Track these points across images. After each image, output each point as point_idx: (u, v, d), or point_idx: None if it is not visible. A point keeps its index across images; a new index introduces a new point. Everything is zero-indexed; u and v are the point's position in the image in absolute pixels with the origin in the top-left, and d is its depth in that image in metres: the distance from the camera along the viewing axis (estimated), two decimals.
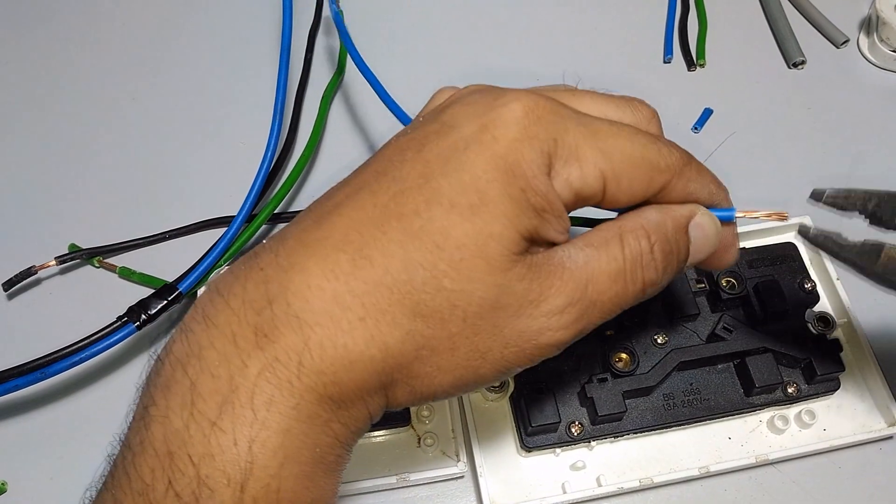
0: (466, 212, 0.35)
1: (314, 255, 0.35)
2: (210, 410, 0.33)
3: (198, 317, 0.36)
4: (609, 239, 0.38)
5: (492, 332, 0.36)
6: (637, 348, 0.54)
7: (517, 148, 0.35)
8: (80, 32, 0.78)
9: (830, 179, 0.67)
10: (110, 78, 0.75)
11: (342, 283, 0.35)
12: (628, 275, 0.38)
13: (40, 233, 0.65)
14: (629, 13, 0.79)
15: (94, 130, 0.72)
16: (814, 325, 0.55)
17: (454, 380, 0.37)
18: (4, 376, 0.53)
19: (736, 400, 0.55)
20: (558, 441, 0.53)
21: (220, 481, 0.33)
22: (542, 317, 0.37)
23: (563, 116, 0.37)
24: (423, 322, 0.35)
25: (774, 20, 0.78)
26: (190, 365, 0.35)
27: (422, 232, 0.35)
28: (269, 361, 0.34)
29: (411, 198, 0.35)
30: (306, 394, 0.34)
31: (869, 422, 0.55)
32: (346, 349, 0.34)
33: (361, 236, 0.35)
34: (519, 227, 0.35)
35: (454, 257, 0.35)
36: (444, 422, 0.55)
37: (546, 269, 0.37)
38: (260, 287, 0.35)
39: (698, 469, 0.53)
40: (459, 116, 0.37)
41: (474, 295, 0.35)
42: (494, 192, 0.35)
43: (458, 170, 0.35)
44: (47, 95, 0.74)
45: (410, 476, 0.52)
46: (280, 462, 0.34)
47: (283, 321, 0.34)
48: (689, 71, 0.75)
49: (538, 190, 0.36)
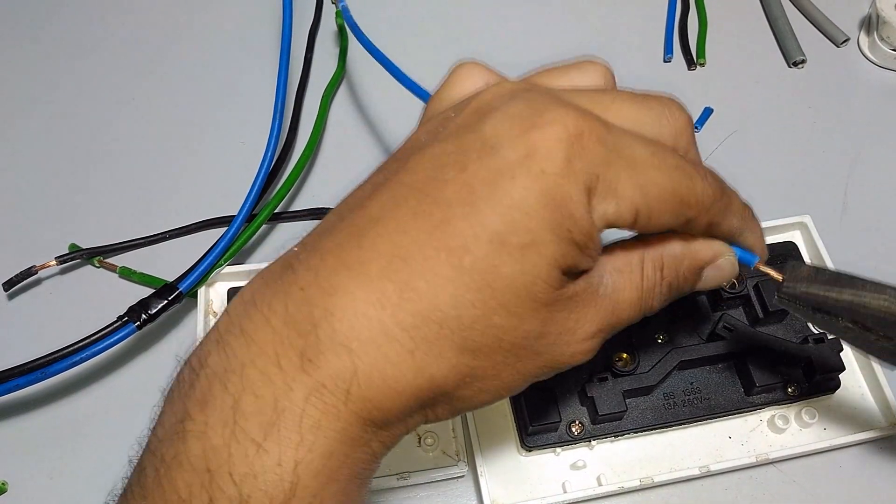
0: (516, 252, 0.35)
1: (358, 280, 0.35)
2: (253, 430, 0.33)
3: (234, 329, 0.36)
4: (633, 265, 0.40)
5: (533, 357, 0.38)
6: (637, 347, 0.54)
7: (563, 184, 0.35)
8: (79, 33, 0.78)
9: (830, 179, 0.68)
10: (110, 78, 0.75)
11: (389, 315, 0.34)
12: (641, 301, 0.40)
13: (40, 233, 0.65)
14: (629, 13, 0.79)
15: (93, 130, 0.72)
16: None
17: (490, 397, 0.38)
18: (4, 376, 0.53)
19: (736, 399, 0.55)
20: (559, 440, 0.53)
21: (261, 501, 0.33)
22: (577, 343, 0.38)
23: (606, 146, 0.36)
24: (470, 356, 0.36)
25: (774, 19, 0.78)
26: (230, 382, 0.35)
27: (473, 269, 0.35)
28: (315, 387, 0.34)
29: (460, 228, 0.35)
30: (351, 419, 0.34)
31: (869, 421, 0.55)
32: (395, 380, 0.34)
33: (408, 266, 0.35)
34: (562, 265, 0.36)
35: (504, 297, 0.35)
36: (445, 422, 0.54)
37: (583, 298, 0.38)
38: (302, 309, 0.35)
39: (699, 468, 0.53)
40: (501, 134, 0.36)
41: (520, 329, 0.36)
42: (544, 232, 0.35)
43: (507, 204, 0.35)
44: (47, 95, 0.74)
45: (411, 476, 0.52)
46: (322, 483, 0.34)
47: (328, 348, 0.34)
48: (689, 70, 0.75)
49: (583, 229, 0.36)
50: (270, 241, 0.66)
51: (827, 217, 0.64)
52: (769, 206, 0.65)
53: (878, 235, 0.65)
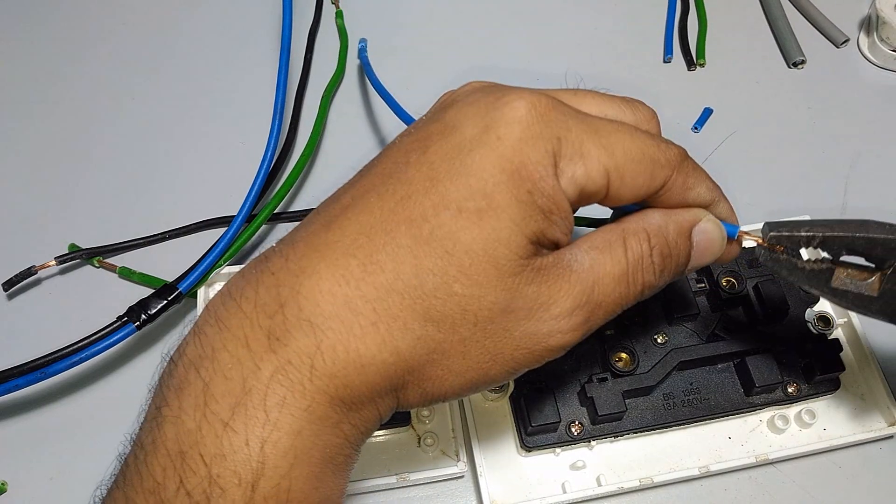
0: (474, 217, 0.35)
1: (324, 260, 0.36)
2: (223, 411, 0.34)
3: (210, 320, 0.37)
4: (613, 241, 0.39)
5: (503, 336, 0.37)
6: (637, 348, 0.54)
7: (522, 149, 0.36)
8: (79, 32, 0.78)
9: (830, 178, 0.68)
10: (110, 78, 0.75)
11: (353, 288, 0.35)
12: (630, 277, 0.39)
13: (40, 233, 0.65)
14: (629, 13, 0.79)
15: (93, 130, 0.72)
16: (814, 325, 0.55)
17: (464, 382, 0.38)
18: (4, 376, 0.53)
19: (736, 399, 0.55)
20: (558, 441, 0.53)
21: (231, 481, 0.33)
22: (552, 320, 0.38)
23: (566, 114, 0.37)
24: (434, 327, 0.36)
25: (774, 20, 0.78)
26: (203, 367, 0.35)
27: (431, 238, 0.35)
28: (281, 364, 0.34)
29: (419, 202, 0.36)
30: (318, 396, 0.35)
31: (869, 421, 0.55)
32: (358, 353, 0.35)
33: (371, 241, 0.36)
34: (527, 231, 0.36)
35: (464, 263, 0.35)
36: (445, 422, 0.55)
37: (554, 272, 0.37)
38: (271, 291, 0.36)
39: (698, 469, 0.53)
40: (461, 116, 0.37)
41: (485, 300, 0.36)
42: (502, 195, 0.35)
43: (465, 173, 0.36)
44: (46, 95, 0.74)
45: (410, 476, 0.52)
46: (291, 462, 0.34)
47: (294, 325, 0.35)
48: (689, 71, 0.75)
49: (545, 192, 0.36)
50: (270, 241, 0.66)
51: (826, 217, 0.64)
52: (769, 206, 0.65)
53: None
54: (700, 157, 0.68)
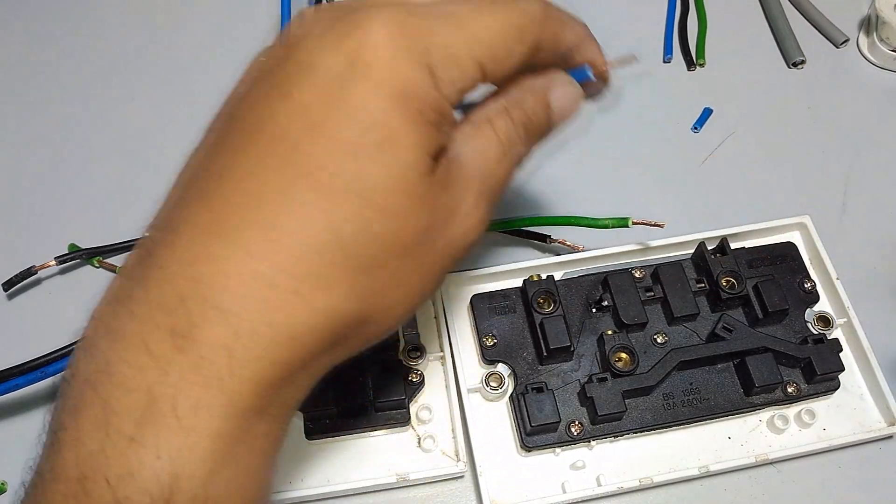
0: (374, 152, 0.33)
1: (218, 239, 0.33)
2: (127, 427, 0.31)
3: (100, 331, 0.34)
4: (481, 125, 0.39)
5: (430, 253, 0.36)
6: (637, 348, 0.54)
7: (397, 69, 0.34)
8: (78, 31, 0.78)
9: (830, 178, 0.68)
10: (110, 78, 0.75)
11: (260, 261, 0.32)
12: (506, 154, 0.39)
13: (40, 233, 0.65)
14: (629, 13, 0.79)
15: (92, 130, 0.71)
16: (814, 325, 0.55)
17: (404, 310, 0.37)
18: (4, 376, 0.53)
19: (736, 399, 0.55)
20: (558, 441, 0.53)
21: (140, 501, 0.30)
22: (463, 219, 0.37)
23: (424, 17, 0.36)
24: (362, 273, 0.34)
25: (774, 20, 0.78)
26: (100, 383, 0.32)
27: (334, 185, 0.33)
28: (192, 363, 0.31)
29: (307, 152, 0.33)
30: (240, 387, 0.32)
31: (868, 421, 0.55)
32: (286, 326, 0.32)
33: (266, 206, 0.33)
34: (427, 149, 0.35)
35: (377, 200, 0.33)
36: (444, 422, 0.55)
37: (452, 175, 0.37)
38: (164, 287, 0.33)
39: (698, 469, 0.53)
40: (316, 52, 0.35)
41: (406, 228, 0.35)
42: (396, 122, 0.34)
43: (348, 109, 0.33)
44: (46, 95, 0.73)
45: (410, 476, 0.52)
46: (210, 469, 0.31)
47: (201, 317, 0.32)
48: (688, 71, 0.75)
49: (433, 106, 0.35)
50: None
51: (826, 217, 0.64)
52: (769, 206, 0.65)
53: (877, 235, 0.65)
54: (700, 157, 0.68)
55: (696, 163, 0.69)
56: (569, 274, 0.59)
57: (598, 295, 0.57)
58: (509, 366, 0.56)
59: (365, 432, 0.54)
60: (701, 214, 0.65)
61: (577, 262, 0.60)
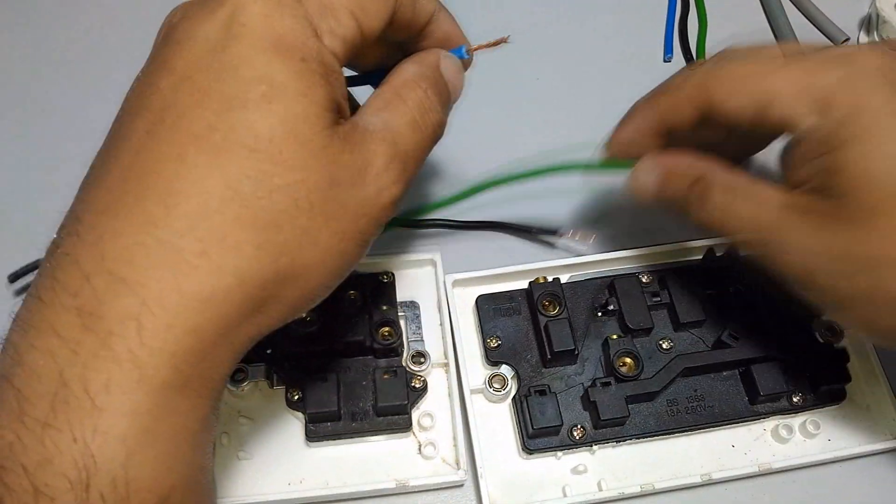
0: (262, 103, 0.34)
1: (118, 216, 0.33)
2: (40, 413, 0.31)
3: (15, 326, 0.33)
4: (390, 99, 0.40)
5: (341, 211, 0.36)
6: (642, 353, 0.54)
7: (273, 24, 0.34)
8: (88, 34, 0.77)
9: None
10: (111, 75, 0.74)
11: (162, 229, 0.32)
12: (420, 121, 0.40)
13: (45, 226, 0.64)
14: (629, 13, 0.79)
15: (96, 125, 0.71)
16: (821, 335, 0.55)
17: (325, 272, 0.37)
18: None
19: (740, 408, 0.54)
20: (560, 444, 0.53)
21: (59, 487, 0.30)
22: (375, 179, 0.37)
23: None
24: (272, 230, 0.34)
25: (774, 18, 0.77)
26: (14, 375, 0.32)
27: (227, 142, 0.33)
28: (101, 339, 0.31)
29: (196, 117, 0.33)
30: (152, 359, 0.31)
31: (874, 433, 0.55)
32: (194, 291, 0.32)
33: (161, 175, 0.33)
34: (318, 99, 0.35)
35: (273, 152, 0.33)
36: (446, 429, 0.54)
37: (358, 136, 0.37)
38: (70, 270, 0.33)
39: (700, 476, 0.52)
40: (189, 28, 0.36)
41: (309, 181, 0.34)
42: (279, 73, 0.34)
43: (230, 68, 0.34)
44: (49, 91, 0.73)
45: (410, 482, 0.52)
46: (129, 448, 0.31)
47: (106, 292, 0.32)
48: None
49: (316, 55, 0.35)
50: None
51: None
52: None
53: None
54: None
55: None
56: (575, 277, 0.59)
57: (605, 299, 0.56)
58: (513, 368, 0.55)
59: (366, 437, 0.53)
60: None
61: (583, 265, 0.59)
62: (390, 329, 0.54)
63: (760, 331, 0.55)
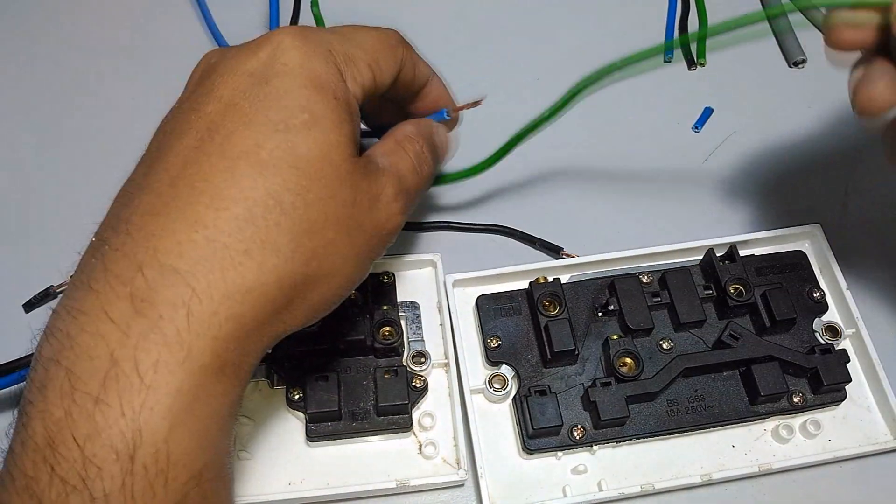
0: (303, 130, 0.39)
1: (171, 217, 0.36)
2: (92, 389, 0.33)
3: (61, 315, 0.36)
4: (394, 148, 0.46)
5: (359, 229, 0.41)
6: (642, 353, 0.54)
7: (310, 65, 0.40)
8: (89, 47, 0.76)
9: (831, 178, 0.67)
10: (108, 78, 0.73)
11: (212, 229, 0.36)
12: (417, 169, 0.47)
13: (55, 249, 0.62)
14: (629, 13, 0.78)
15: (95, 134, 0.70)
16: (821, 335, 0.55)
17: (343, 280, 0.41)
18: (6, 369, 0.52)
19: (741, 408, 0.54)
20: (560, 444, 0.53)
21: (107, 457, 0.33)
22: (385, 206, 0.43)
23: (320, 31, 0.43)
24: (305, 237, 0.38)
25: (774, 18, 0.77)
26: (63, 357, 0.34)
27: (272, 159, 0.38)
28: (152, 322, 0.34)
29: (244, 136, 0.38)
30: (198, 342, 0.35)
31: (875, 434, 0.55)
32: (238, 282, 0.36)
33: (212, 183, 0.37)
34: (345, 132, 0.40)
35: (310, 171, 0.38)
36: (446, 429, 0.54)
37: (372, 168, 0.43)
38: (122, 262, 0.36)
39: (700, 476, 0.52)
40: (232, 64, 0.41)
41: (338, 198, 0.39)
42: (317, 106, 0.40)
43: (275, 97, 0.39)
44: (54, 115, 0.71)
45: (410, 482, 0.52)
46: (171, 424, 0.34)
47: (159, 281, 0.35)
48: (689, 70, 0.74)
49: (344, 96, 0.41)
50: None
51: (826, 217, 0.64)
52: (769, 206, 0.65)
53: (877, 235, 0.65)
54: (701, 157, 0.68)
55: (697, 162, 0.68)
56: (575, 277, 0.59)
57: (605, 299, 0.56)
58: (513, 368, 0.55)
59: (366, 437, 0.53)
60: (702, 214, 0.65)
61: (583, 265, 0.59)
62: (391, 329, 0.54)
63: (760, 331, 0.56)
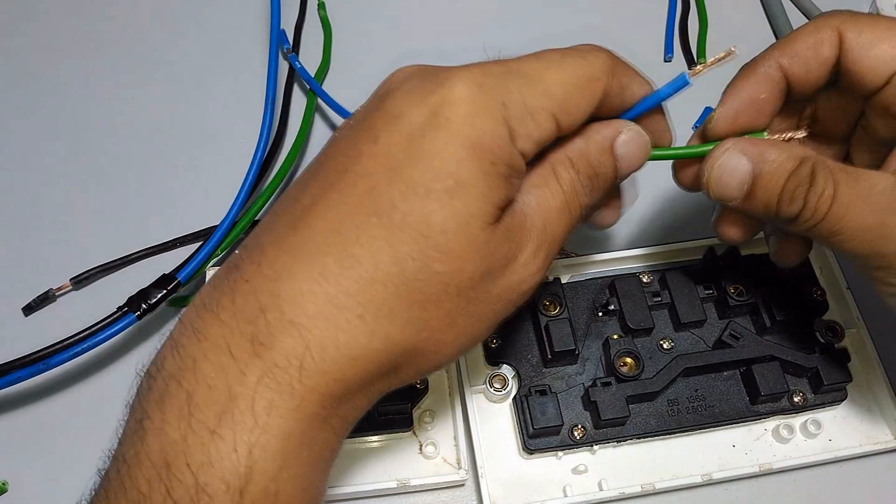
0: (444, 196, 0.36)
1: (298, 261, 0.36)
2: (209, 420, 0.34)
3: (187, 331, 0.37)
4: (546, 176, 0.42)
5: (484, 297, 0.39)
6: (642, 353, 0.54)
7: (474, 123, 0.37)
8: (91, 48, 0.76)
9: None
10: (104, 79, 0.74)
11: (333, 285, 0.36)
12: (569, 205, 0.42)
13: (54, 252, 0.65)
14: (629, 12, 0.79)
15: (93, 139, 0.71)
16: (822, 334, 0.55)
17: (454, 349, 0.40)
18: (6, 369, 0.53)
19: (741, 408, 0.54)
20: (560, 444, 0.53)
21: (218, 488, 0.33)
22: (521, 268, 0.40)
23: (501, 76, 0.38)
24: (420, 308, 0.37)
25: (775, 18, 0.77)
26: (185, 378, 0.35)
27: (404, 224, 0.36)
28: (268, 368, 0.35)
29: (384, 192, 0.36)
30: (308, 395, 0.35)
31: (875, 433, 0.55)
32: (349, 346, 0.35)
33: (343, 237, 0.36)
34: (494, 200, 0.37)
35: (440, 242, 0.36)
36: (446, 428, 0.54)
37: (515, 225, 0.39)
38: (249, 298, 0.36)
39: (701, 476, 0.52)
40: (403, 104, 0.38)
41: (465, 272, 0.37)
42: (466, 172, 0.36)
43: (425, 156, 0.36)
44: (54, 117, 0.72)
45: (411, 482, 0.52)
46: (279, 465, 0.34)
47: (278, 328, 0.35)
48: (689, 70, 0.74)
49: (506, 159, 0.37)
50: None
51: None
52: None
53: None
54: None
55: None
56: (575, 277, 0.59)
57: (605, 299, 0.56)
58: (513, 367, 0.55)
59: (366, 436, 0.54)
60: (702, 214, 0.64)
61: (584, 265, 0.60)
62: None
63: (761, 331, 0.55)
